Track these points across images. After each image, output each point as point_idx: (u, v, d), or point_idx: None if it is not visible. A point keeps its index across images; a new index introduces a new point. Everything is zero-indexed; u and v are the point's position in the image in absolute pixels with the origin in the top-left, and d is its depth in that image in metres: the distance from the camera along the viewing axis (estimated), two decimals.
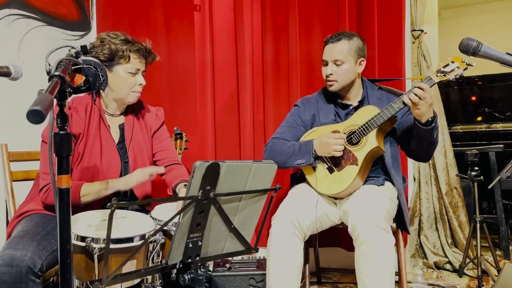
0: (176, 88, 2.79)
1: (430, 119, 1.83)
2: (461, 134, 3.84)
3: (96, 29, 2.80)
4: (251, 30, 2.68)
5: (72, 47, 1.18)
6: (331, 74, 2.01)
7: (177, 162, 1.93)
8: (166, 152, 1.91)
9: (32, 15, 2.40)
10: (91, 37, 2.79)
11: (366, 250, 1.68)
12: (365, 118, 1.90)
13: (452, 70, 1.81)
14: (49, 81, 0.96)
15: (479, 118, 3.88)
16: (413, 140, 1.93)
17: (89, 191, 1.60)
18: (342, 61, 2.00)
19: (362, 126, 1.90)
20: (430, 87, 1.82)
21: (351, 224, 1.75)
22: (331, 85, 2.04)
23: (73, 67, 1.10)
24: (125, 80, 1.72)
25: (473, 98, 3.97)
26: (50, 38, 2.50)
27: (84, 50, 1.20)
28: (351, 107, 2.08)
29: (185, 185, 1.80)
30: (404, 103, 1.83)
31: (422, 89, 1.78)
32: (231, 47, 2.69)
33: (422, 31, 2.87)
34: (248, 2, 2.67)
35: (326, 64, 2.04)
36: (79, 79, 1.14)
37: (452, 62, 1.82)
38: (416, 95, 1.78)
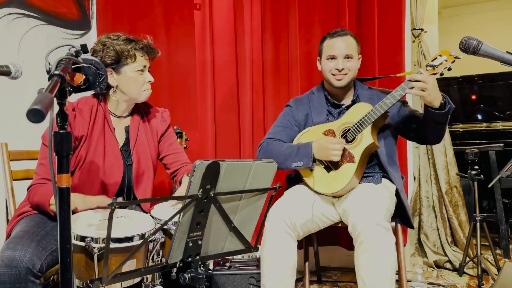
0: (176, 87, 2.79)
1: (442, 102, 1.82)
2: (461, 133, 3.84)
3: (96, 28, 2.80)
4: (251, 29, 2.68)
5: (72, 46, 1.18)
6: (343, 68, 1.98)
7: (187, 163, 1.92)
8: (176, 155, 1.90)
9: (32, 14, 2.40)
10: (91, 36, 2.79)
11: (366, 249, 1.67)
12: (359, 115, 1.90)
13: (441, 63, 1.82)
14: (49, 80, 0.96)
15: (479, 117, 3.88)
16: (427, 127, 1.90)
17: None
18: (352, 55, 2.00)
19: (356, 124, 1.90)
20: None
21: (351, 224, 1.75)
22: (340, 79, 2.00)
23: (73, 66, 1.10)
24: (135, 80, 1.70)
25: (473, 97, 3.96)
26: (50, 37, 2.50)
27: (84, 49, 1.20)
28: (343, 106, 2.07)
29: (188, 174, 1.79)
30: (397, 97, 1.84)
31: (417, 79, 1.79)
32: (231, 46, 2.70)
33: (422, 30, 2.86)
34: (248, 2, 2.67)
35: (333, 59, 2.00)
36: (79, 78, 1.14)
37: (440, 55, 1.84)
38: (418, 81, 1.77)
